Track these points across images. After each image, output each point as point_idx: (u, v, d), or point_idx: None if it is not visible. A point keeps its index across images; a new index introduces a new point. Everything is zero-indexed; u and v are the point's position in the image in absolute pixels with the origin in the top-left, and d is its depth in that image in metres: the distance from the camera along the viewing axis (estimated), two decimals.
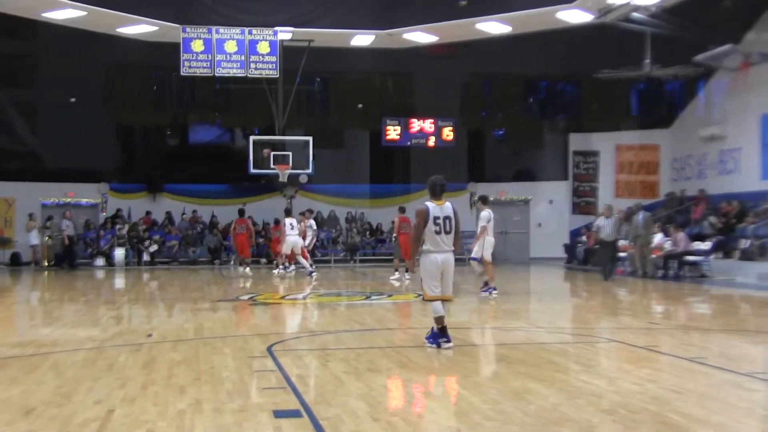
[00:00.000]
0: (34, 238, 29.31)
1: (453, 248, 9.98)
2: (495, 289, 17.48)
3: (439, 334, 9.92)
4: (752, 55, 25.93)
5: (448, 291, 10.08)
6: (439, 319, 9.91)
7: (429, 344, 9.98)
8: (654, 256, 23.79)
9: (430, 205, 9.90)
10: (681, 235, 23.34)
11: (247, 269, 25.69)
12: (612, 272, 22.74)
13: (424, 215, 9.82)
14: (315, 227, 26.54)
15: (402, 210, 22.89)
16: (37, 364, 9.04)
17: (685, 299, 18.33)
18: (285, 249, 24.10)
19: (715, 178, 28.23)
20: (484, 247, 17.48)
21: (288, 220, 24.04)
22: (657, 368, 9.02)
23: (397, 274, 22.15)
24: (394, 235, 23.42)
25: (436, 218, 9.81)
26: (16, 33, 31.44)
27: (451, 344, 9.88)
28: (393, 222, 24.39)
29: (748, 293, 19.09)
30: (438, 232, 9.81)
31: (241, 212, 26.54)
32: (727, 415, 6.71)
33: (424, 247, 9.89)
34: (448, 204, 10.01)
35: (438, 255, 9.85)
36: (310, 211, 27.29)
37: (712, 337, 11.85)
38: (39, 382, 8.03)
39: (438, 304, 9.94)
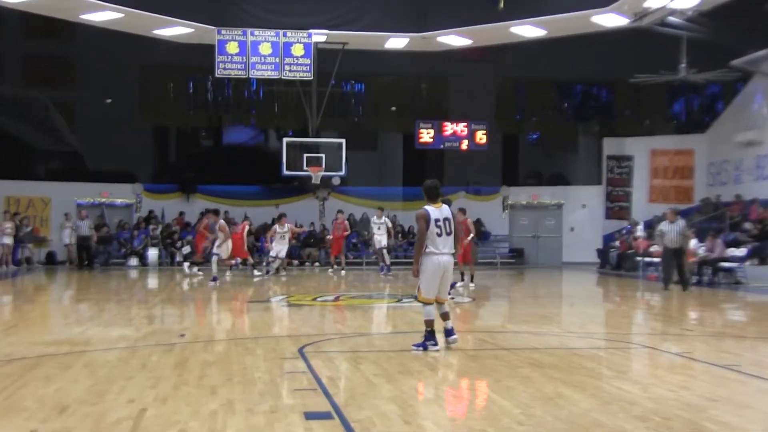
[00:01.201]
0: (68, 237, 29.58)
1: (453, 250, 10.08)
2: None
3: (428, 337, 9.99)
4: None
5: (444, 294, 10.20)
6: (429, 323, 9.98)
7: (415, 349, 9.97)
8: (689, 261, 23.55)
9: (429, 208, 9.99)
10: (718, 242, 23.09)
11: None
12: (686, 282, 20.48)
13: (425, 218, 9.91)
14: (389, 224, 26.11)
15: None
16: (71, 362, 9.13)
17: (720, 306, 18.14)
18: (272, 253, 24.59)
19: (752, 184, 27.92)
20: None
21: (279, 228, 24.36)
22: (691, 375, 8.92)
23: None
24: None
25: (436, 220, 9.91)
26: (55, 35, 31.82)
27: (438, 348, 9.94)
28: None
29: None
30: (440, 234, 9.89)
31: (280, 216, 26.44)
32: (764, 424, 6.63)
33: (427, 250, 9.94)
34: (445, 206, 10.13)
35: (440, 257, 9.93)
36: (341, 212, 27.31)
37: (747, 344, 11.71)
38: (73, 380, 8.11)
39: (431, 307, 10.01)
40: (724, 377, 8.62)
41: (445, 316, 10.17)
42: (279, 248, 24.43)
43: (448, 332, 10.17)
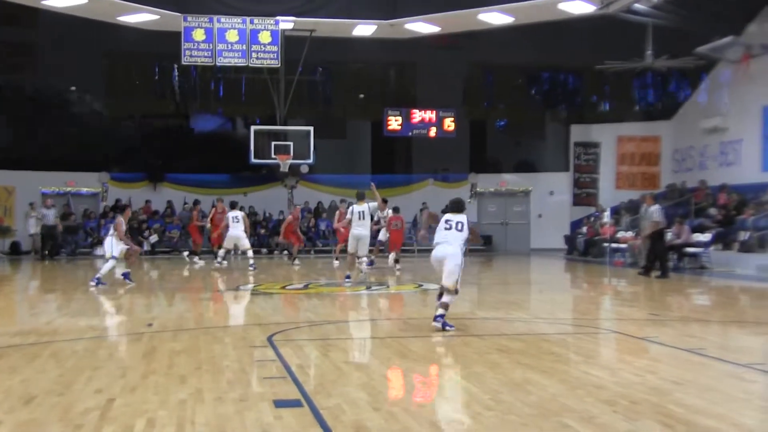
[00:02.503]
0: (33, 227, 29.27)
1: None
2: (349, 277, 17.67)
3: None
4: (754, 47, 25.88)
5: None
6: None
7: (449, 327, 10.49)
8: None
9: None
10: (685, 228, 23.29)
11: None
12: (666, 268, 20.18)
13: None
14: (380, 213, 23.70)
15: (396, 210, 23.10)
16: (38, 353, 9.05)
17: (685, 291, 18.33)
18: (226, 243, 22.81)
19: (716, 170, 28.20)
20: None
21: (232, 214, 22.81)
22: (657, 359, 9.03)
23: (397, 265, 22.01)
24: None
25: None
26: (17, 21, 31.35)
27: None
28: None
29: (747, 285, 19.12)
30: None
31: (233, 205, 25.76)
32: (727, 405, 6.72)
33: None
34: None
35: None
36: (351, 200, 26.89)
37: (712, 328, 11.87)
38: (40, 370, 8.05)
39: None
40: (689, 361, 8.72)
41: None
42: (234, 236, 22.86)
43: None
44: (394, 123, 31.99)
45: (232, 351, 9.15)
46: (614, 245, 26.33)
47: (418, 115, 32.08)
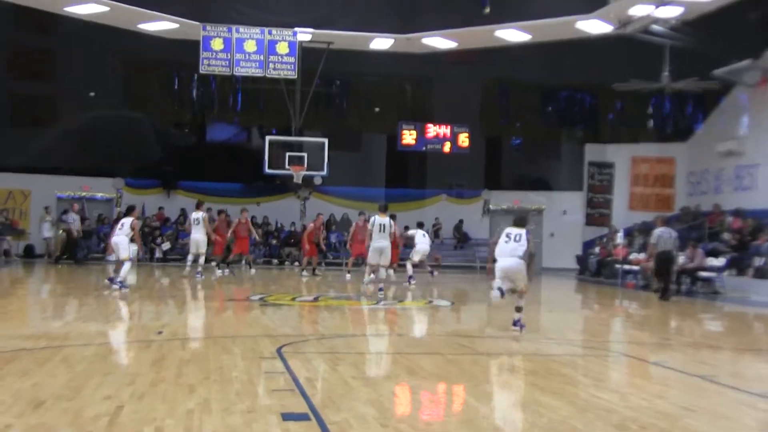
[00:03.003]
0: (47, 230, 29.40)
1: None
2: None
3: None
4: None
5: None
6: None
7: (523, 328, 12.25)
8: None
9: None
10: (698, 251, 23.18)
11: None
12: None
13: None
14: (423, 238, 24.46)
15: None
16: (49, 357, 9.06)
17: (698, 315, 18.24)
18: (190, 248, 22.29)
19: (731, 194, 28.09)
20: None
21: (194, 215, 22.06)
22: (667, 384, 8.97)
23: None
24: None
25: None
26: (38, 27, 31.62)
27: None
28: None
29: (761, 311, 18.94)
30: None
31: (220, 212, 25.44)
32: None
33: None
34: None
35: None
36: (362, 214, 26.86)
37: (724, 355, 11.78)
38: (50, 375, 8.05)
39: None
40: (701, 387, 8.66)
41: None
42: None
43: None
44: (409, 137, 32.03)
45: (240, 362, 9.14)
46: (626, 267, 26.22)
47: (432, 130, 32.11)
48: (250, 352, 9.83)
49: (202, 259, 22.30)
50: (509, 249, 12.08)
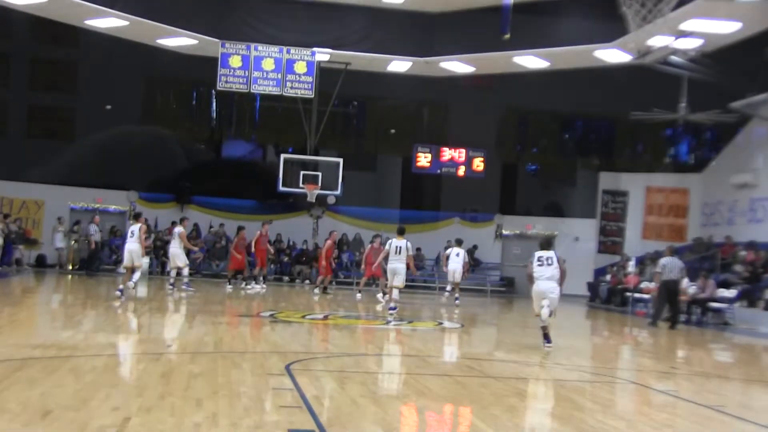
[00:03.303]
0: (60, 241, 29.53)
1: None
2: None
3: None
4: None
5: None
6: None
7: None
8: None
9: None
10: (710, 282, 23.10)
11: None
12: (677, 319, 20.75)
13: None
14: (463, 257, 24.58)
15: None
16: (58, 366, 9.09)
17: (707, 346, 18.15)
18: (125, 260, 20.63)
19: (744, 226, 27.99)
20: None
21: (131, 227, 20.98)
22: (675, 413, 8.94)
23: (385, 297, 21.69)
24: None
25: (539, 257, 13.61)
26: (58, 39, 31.92)
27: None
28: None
29: None
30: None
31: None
32: None
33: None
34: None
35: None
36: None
37: (733, 385, 11.73)
38: (58, 384, 8.07)
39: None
40: (708, 417, 8.62)
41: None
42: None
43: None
44: (423, 160, 32.05)
45: (249, 377, 9.15)
46: (637, 295, 26.13)
47: (447, 153, 32.13)
48: (259, 368, 9.85)
49: (137, 274, 22.00)
50: (547, 273, 13.41)
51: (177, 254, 22.26)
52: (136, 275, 18.99)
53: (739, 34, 23.22)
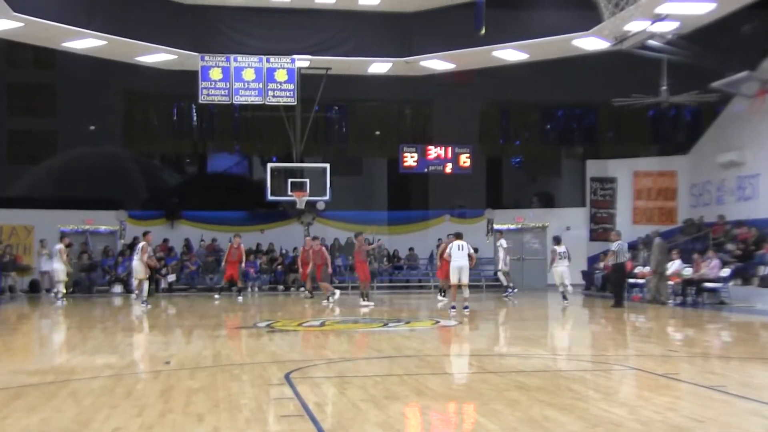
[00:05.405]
0: (45, 263, 29.31)
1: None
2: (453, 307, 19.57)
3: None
4: None
5: None
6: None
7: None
8: (671, 282, 23.71)
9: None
10: (715, 263, 23.17)
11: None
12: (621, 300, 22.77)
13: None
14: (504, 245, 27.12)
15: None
16: (56, 391, 9.05)
17: (704, 326, 18.20)
18: (54, 277, 24.35)
19: (734, 204, 28.08)
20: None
21: (56, 246, 24.03)
22: (677, 396, 8.94)
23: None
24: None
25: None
26: (37, 63, 31.83)
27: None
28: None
29: (767, 320, 18.92)
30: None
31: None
32: None
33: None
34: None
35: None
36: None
37: (733, 365, 11.75)
38: (58, 409, 8.04)
39: None
40: (710, 398, 8.63)
41: None
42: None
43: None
44: (410, 159, 32.03)
45: (249, 389, 9.13)
46: (632, 280, 26.16)
47: (433, 152, 32.12)
48: (259, 379, 9.83)
49: (61, 287, 24.05)
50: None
51: (137, 268, 22.62)
52: (143, 289, 21.81)
53: (714, 13, 23.27)
